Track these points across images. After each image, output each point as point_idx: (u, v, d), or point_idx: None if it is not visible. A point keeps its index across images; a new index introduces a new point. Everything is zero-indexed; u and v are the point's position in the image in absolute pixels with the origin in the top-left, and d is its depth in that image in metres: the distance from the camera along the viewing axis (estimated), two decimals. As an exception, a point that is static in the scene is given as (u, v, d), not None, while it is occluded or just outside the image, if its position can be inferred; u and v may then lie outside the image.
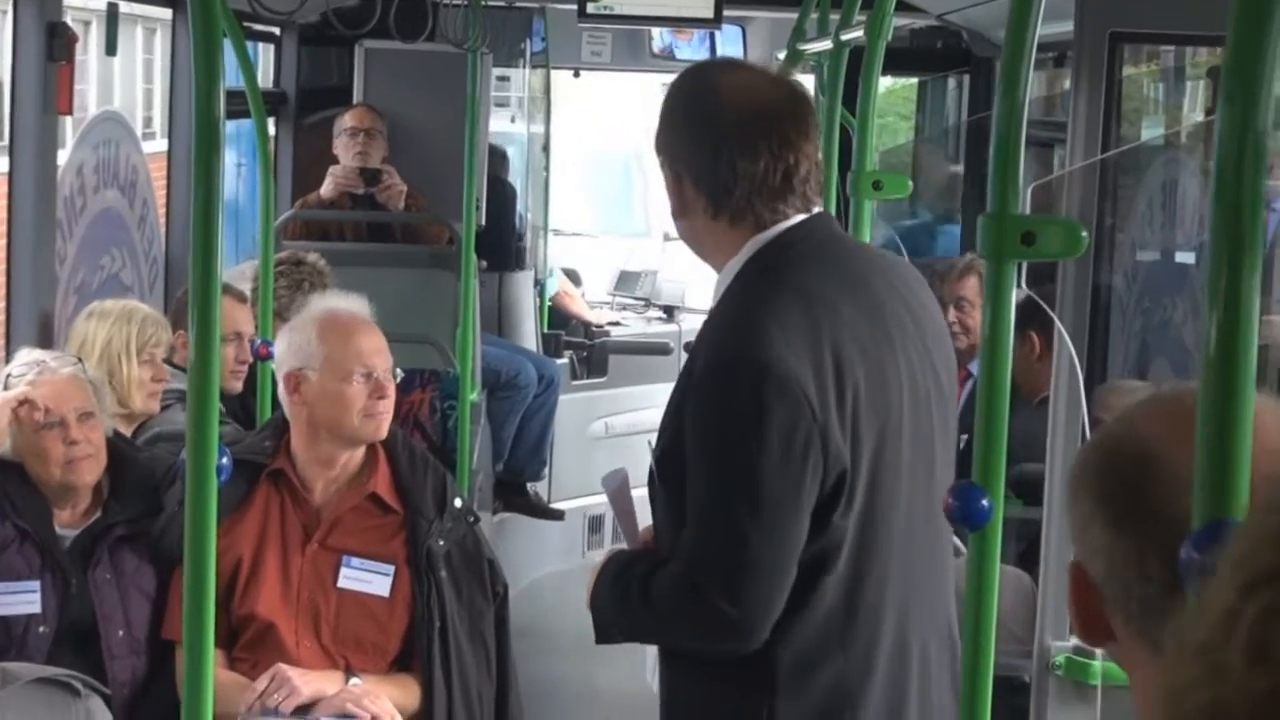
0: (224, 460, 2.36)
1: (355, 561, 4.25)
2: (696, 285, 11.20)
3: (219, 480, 2.35)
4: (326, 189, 7.43)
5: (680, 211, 3.14)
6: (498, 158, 9.20)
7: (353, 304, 4.50)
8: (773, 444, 2.89)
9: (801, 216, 3.09)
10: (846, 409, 2.94)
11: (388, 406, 4.31)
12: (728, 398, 2.93)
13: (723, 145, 3.05)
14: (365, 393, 4.26)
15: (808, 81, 4.99)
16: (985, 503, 2.07)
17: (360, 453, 4.33)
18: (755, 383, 2.90)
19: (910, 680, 3.10)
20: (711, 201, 3.08)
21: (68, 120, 5.65)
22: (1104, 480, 1.58)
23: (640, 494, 3.22)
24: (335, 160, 7.54)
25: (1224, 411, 1.23)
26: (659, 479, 3.05)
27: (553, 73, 10.98)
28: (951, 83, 9.33)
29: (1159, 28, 4.56)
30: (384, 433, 4.31)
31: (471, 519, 4.43)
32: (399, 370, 4.43)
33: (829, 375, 2.93)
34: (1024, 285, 2.86)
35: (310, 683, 4.12)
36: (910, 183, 4.45)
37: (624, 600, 3.11)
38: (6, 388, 4.32)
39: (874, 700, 3.04)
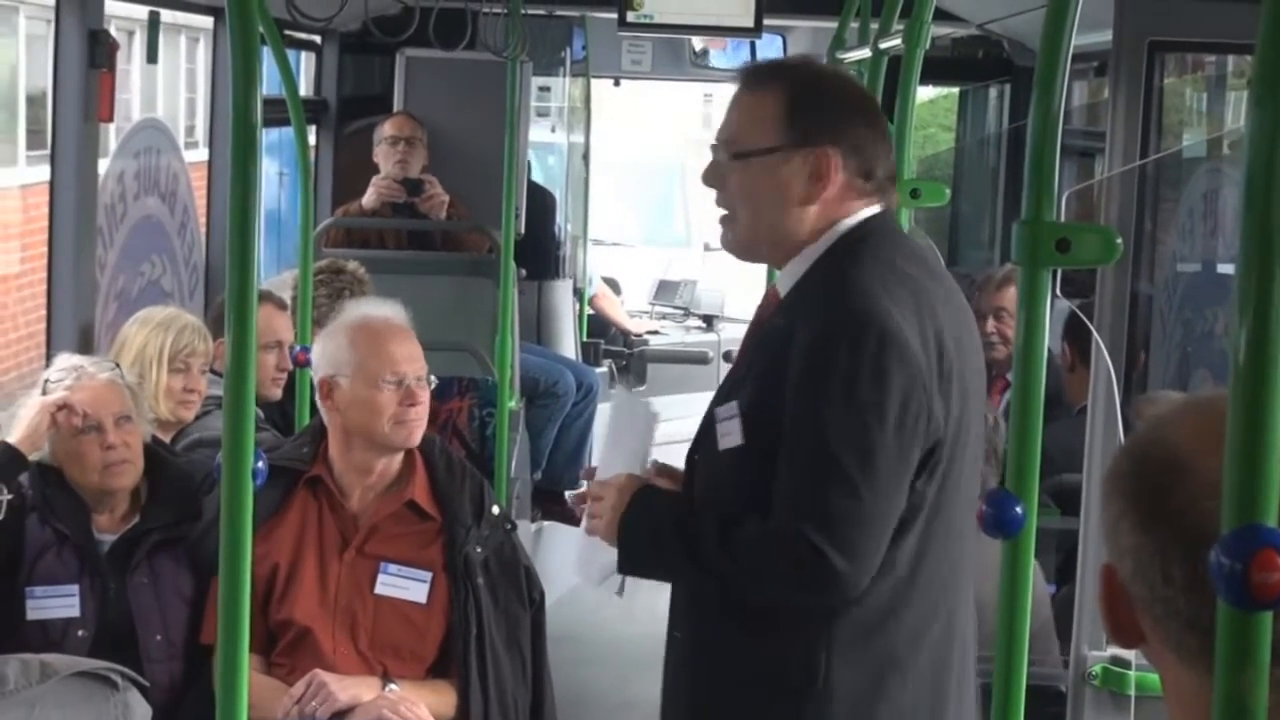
0: (259, 465, 2.36)
1: (392, 568, 4.25)
2: (735, 295, 11.21)
3: (255, 484, 2.36)
4: (369, 198, 7.43)
5: (817, 194, 3.18)
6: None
7: (387, 310, 4.50)
8: (892, 407, 3.01)
9: (881, 206, 3.25)
10: (942, 384, 3.07)
11: (419, 413, 4.30)
12: (850, 360, 3.02)
13: (875, 128, 3.23)
14: (395, 400, 4.26)
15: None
16: (1019, 510, 2.07)
17: (398, 460, 4.34)
18: (878, 347, 3.01)
19: (953, 654, 3.22)
20: (860, 176, 3.19)
21: (110, 128, 5.68)
22: (1133, 482, 1.59)
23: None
24: (375, 168, 7.55)
25: (1253, 417, 1.23)
26: (749, 436, 3.11)
27: (593, 82, 10.99)
28: (993, 92, 9.33)
29: (1198, 36, 4.55)
30: (416, 439, 4.31)
31: (509, 526, 4.43)
32: (434, 377, 4.43)
33: (932, 349, 3.06)
34: (1059, 293, 2.86)
35: (347, 688, 4.13)
36: (948, 191, 4.45)
37: (691, 544, 3.14)
38: (45, 392, 4.35)
39: (921, 669, 3.16)
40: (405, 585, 4.25)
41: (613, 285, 11.31)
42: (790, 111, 3.16)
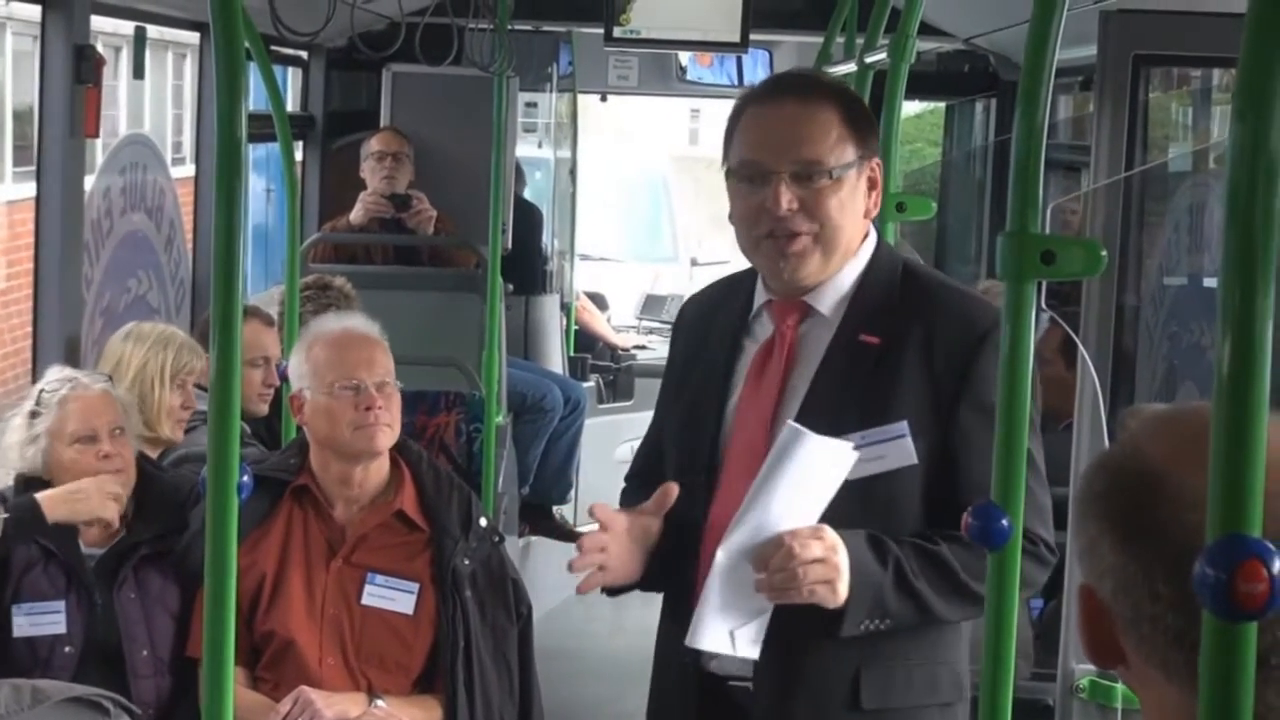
0: (244, 478, 2.36)
1: (379, 579, 4.25)
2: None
3: (239, 498, 2.36)
4: (356, 214, 7.43)
5: (871, 210, 3.17)
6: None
7: (348, 320, 4.50)
8: None
9: None
10: None
11: (380, 417, 4.26)
12: None
13: None
14: (351, 406, 4.25)
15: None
16: (1005, 523, 2.07)
17: (378, 469, 4.33)
18: None
19: None
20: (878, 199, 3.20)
21: (98, 144, 5.68)
22: (1110, 500, 1.57)
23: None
24: (362, 184, 7.56)
25: (1237, 428, 1.23)
26: (922, 454, 3.03)
27: (580, 97, 11.00)
28: (979, 106, 9.34)
29: (1183, 50, 4.55)
30: (380, 443, 4.28)
31: (496, 539, 4.43)
32: (399, 383, 4.39)
33: None
34: (1044, 305, 2.87)
35: (333, 705, 4.12)
36: (934, 204, 4.45)
37: (938, 580, 3.00)
38: (39, 404, 4.34)
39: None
40: (392, 596, 4.24)
41: (598, 300, 11.31)
42: (850, 124, 3.11)
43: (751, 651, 3.03)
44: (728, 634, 3.02)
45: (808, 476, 2.94)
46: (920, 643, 3.09)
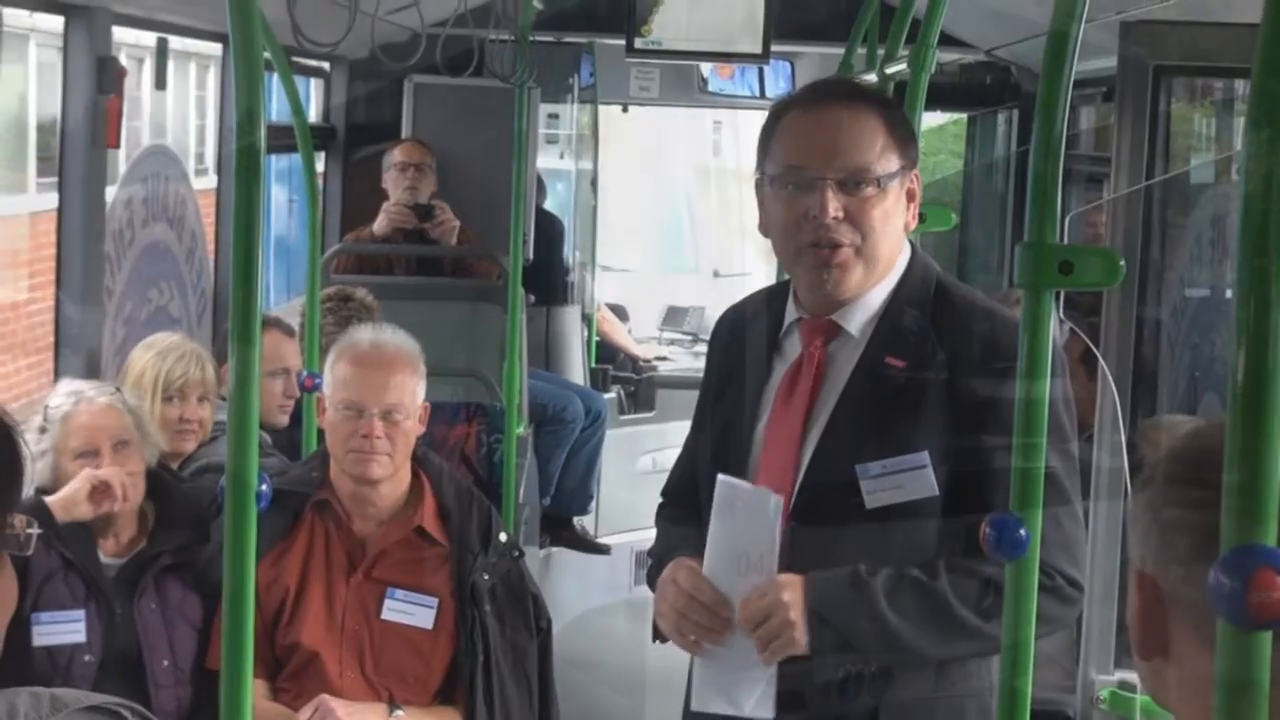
0: (263, 488, 2.37)
1: (399, 594, 4.25)
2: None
3: (258, 507, 2.36)
4: (379, 225, 7.44)
5: (910, 223, 3.10)
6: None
7: (384, 335, 4.49)
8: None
9: None
10: None
11: (377, 445, 4.26)
12: (1059, 392, 2.91)
13: None
14: (350, 429, 4.27)
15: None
16: (1023, 533, 2.07)
17: (401, 485, 4.33)
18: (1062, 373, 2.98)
19: None
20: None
21: (121, 154, 5.69)
22: (1198, 490, 1.59)
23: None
24: (384, 195, 7.56)
25: (1252, 437, 1.23)
26: (943, 485, 2.95)
27: (601, 108, 11.01)
28: (1001, 117, 9.33)
29: (1204, 60, 4.54)
30: (370, 472, 4.28)
31: (516, 553, 4.43)
32: (411, 405, 4.35)
33: None
34: (1063, 316, 2.86)
35: (353, 714, 4.12)
36: (954, 215, 4.44)
37: (932, 611, 2.92)
38: (46, 419, 4.34)
39: None
40: (411, 611, 4.25)
41: (619, 312, 11.31)
42: (894, 133, 3.03)
43: (760, 709, 2.98)
44: (740, 695, 3.00)
45: (736, 527, 2.95)
46: (943, 674, 3.02)
